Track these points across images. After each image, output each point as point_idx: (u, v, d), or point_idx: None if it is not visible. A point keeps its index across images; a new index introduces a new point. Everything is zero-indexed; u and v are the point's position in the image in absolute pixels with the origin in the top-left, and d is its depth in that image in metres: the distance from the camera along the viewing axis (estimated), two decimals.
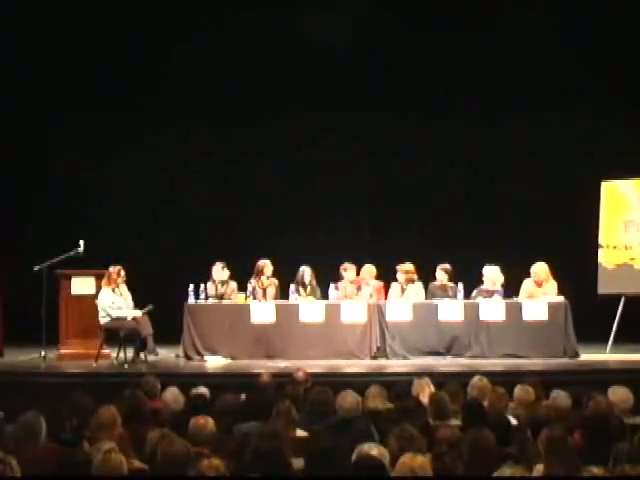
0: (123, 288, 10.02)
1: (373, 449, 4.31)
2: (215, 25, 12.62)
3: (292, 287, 10.37)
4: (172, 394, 6.29)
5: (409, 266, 10.52)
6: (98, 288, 10.06)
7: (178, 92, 12.78)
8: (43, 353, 10.02)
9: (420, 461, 4.06)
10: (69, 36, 12.43)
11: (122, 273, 9.98)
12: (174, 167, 12.92)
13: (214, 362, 9.89)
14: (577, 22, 12.24)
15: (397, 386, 6.62)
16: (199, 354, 10.03)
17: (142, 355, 9.87)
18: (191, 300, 10.17)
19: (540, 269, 10.31)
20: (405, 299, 10.38)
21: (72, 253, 10.19)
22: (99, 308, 9.85)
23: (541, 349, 9.96)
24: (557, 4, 12.29)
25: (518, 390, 6.26)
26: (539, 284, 10.29)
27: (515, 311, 10.11)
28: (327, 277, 10.59)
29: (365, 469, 4.02)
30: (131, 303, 10.03)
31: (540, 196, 12.45)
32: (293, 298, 10.34)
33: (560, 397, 6.00)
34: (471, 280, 10.42)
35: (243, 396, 6.21)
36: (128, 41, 12.48)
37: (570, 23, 12.25)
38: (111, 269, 9.95)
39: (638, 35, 12.12)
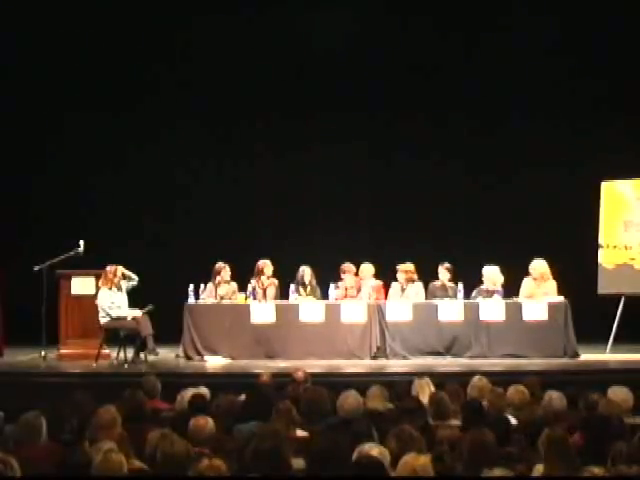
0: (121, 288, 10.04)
1: (373, 449, 4.31)
2: (215, 25, 12.60)
3: (292, 287, 10.36)
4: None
5: (409, 266, 10.52)
6: (98, 288, 10.05)
7: (178, 93, 12.77)
8: (43, 353, 10.03)
9: (423, 461, 4.06)
10: (68, 36, 12.42)
11: (119, 273, 9.97)
12: (174, 167, 12.90)
13: (214, 362, 9.89)
14: (577, 23, 12.24)
15: (397, 386, 6.62)
16: (199, 354, 10.02)
17: (142, 355, 9.87)
18: (191, 300, 10.17)
19: (538, 264, 10.28)
20: (405, 299, 10.37)
21: (72, 253, 10.20)
22: (99, 308, 9.85)
23: (541, 349, 9.96)
24: (558, 5, 12.28)
25: (511, 391, 6.22)
26: (539, 280, 10.25)
27: (515, 311, 10.10)
28: (327, 277, 10.58)
29: (365, 469, 4.02)
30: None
31: (540, 196, 12.45)
32: (293, 298, 10.34)
33: (554, 398, 5.98)
34: (471, 280, 10.42)
35: (243, 396, 6.21)
36: (126, 41, 12.47)
37: (570, 23, 12.24)
38: (108, 268, 9.94)
39: (638, 35, 12.13)
